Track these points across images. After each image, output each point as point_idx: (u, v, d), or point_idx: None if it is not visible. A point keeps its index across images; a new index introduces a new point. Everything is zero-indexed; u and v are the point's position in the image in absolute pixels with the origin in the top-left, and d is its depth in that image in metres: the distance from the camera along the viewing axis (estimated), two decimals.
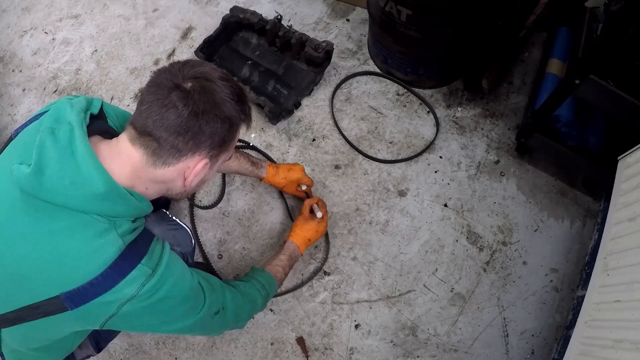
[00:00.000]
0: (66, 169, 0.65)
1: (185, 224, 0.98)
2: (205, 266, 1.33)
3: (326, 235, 1.33)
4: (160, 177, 0.74)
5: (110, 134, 0.79)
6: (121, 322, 0.72)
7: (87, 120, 0.74)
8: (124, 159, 0.71)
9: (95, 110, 0.79)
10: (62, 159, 0.66)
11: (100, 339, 1.04)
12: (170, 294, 0.73)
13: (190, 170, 0.74)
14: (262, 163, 1.26)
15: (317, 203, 1.26)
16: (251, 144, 1.44)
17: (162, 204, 1.22)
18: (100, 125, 0.78)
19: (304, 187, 1.30)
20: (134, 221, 0.74)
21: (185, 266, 0.80)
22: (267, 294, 1.03)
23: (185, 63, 0.73)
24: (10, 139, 0.78)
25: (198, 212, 1.41)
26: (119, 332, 1.15)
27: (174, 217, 0.97)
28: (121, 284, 0.67)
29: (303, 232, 1.19)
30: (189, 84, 0.69)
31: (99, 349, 1.04)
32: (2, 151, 0.77)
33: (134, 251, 0.70)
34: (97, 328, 0.73)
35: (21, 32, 1.83)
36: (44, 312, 0.69)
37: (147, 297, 0.70)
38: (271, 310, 1.27)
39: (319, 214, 1.23)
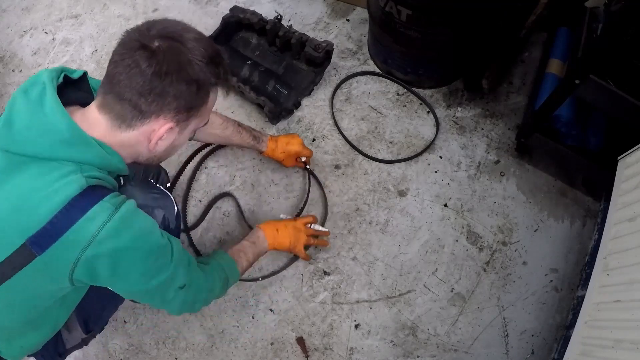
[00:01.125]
0: (34, 120, 0.67)
1: (171, 194, 0.95)
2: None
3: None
4: (127, 141, 0.73)
5: (89, 104, 0.78)
6: (83, 271, 0.69)
7: (61, 79, 0.74)
8: (92, 125, 0.71)
9: (75, 75, 0.79)
10: (31, 111, 0.67)
11: (88, 319, 1.01)
12: (134, 245, 0.71)
13: (154, 133, 0.73)
14: (263, 137, 1.26)
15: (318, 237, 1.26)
16: (308, 167, 1.39)
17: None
18: (82, 95, 0.79)
19: (303, 159, 1.33)
20: (103, 172, 0.73)
21: (156, 224, 0.78)
22: (225, 278, 0.99)
23: (158, 21, 0.70)
24: None
25: (198, 212, 1.40)
26: (108, 313, 1.12)
27: (158, 185, 0.96)
28: (81, 221, 0.66)
29: (273, 223, 1.17)
30: (156, 43, 0.67)
31: (87, 331, 1.01)
32: None
33: (97, 191, 0.69)
34: (69, 284, 0.71)
35: (21, 32, 1.83)
36: (17, 265, 0.68)
37: (108, 240, 0.68)
38: (271, 310, 1.27)
39: (318, 227, 1.24)
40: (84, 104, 0.77)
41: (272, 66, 1.58)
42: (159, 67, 0.66)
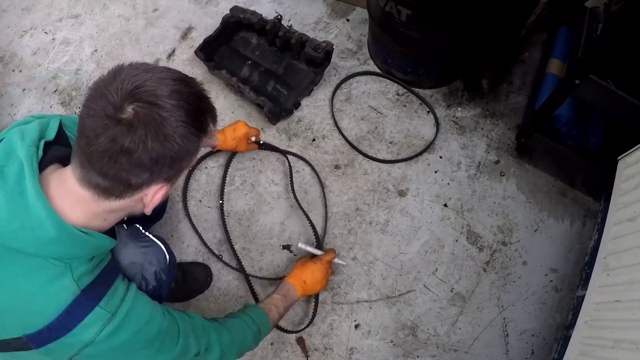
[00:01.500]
0: (15, 212, 0.62)
1: (160, 238, 0.92)
2: (204, 267, 1.33)
3: (316, 296, 1.26)
4: (117, 207, 0.68)
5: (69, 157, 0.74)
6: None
7: (40, 152, 0.68)
8: (74, 198, 0.66)
9: (51, 136, 0.73)
10: (11, 202, 0.62)
11: None
12: (134, 338, 0.70)
13: (148, 197, 0.69)
14: (212, 133, 1.21)
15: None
16: (262, 142, 1.43)
17: (157, 213, 1.16)
18: (58, 151, 0.73)
19: (253, 139, 1.35)
20: (92, 259, 0.70)
21: (156, 306, 0.76)
22: (257, 330, 0.98)
23: (126, 75, 0.61)
24: None
25: (198, 212, 1.41)
26: None
27: (147, 233, 0.91)
28: (78, 328, 0.65)
29: (299, 273, 1.15)
30: (130, 112, 0.59)
31: None
32: None
33: (91, 294, 0.67)
34: None
35: (21, 32, 1.83)
36: (14, 348, 0.68)
37: (106, 342, 0.67)
38: None
39: (318, 252, 1.22)
40: (61, 157, 0.72)
41: (272, 66, 1.58)
42: (144, 144, 0.59)
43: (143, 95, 0.60)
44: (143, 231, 0.92)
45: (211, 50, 1.59)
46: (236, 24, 1.60)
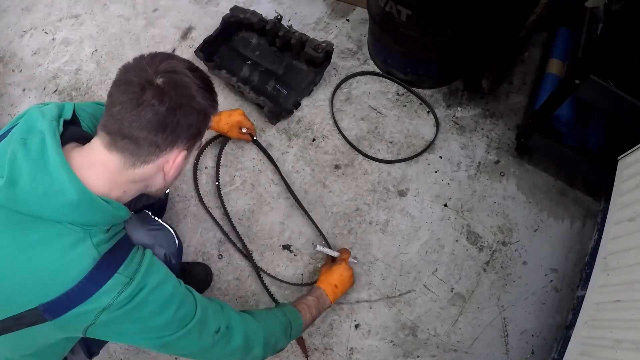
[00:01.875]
0: (39, 180, 0.65)
1: (169, 225, 0.95)
2: (204, 267, 1.33)
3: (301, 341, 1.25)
4: (140, 176, 0.73)
5: (86, 139, 0.77)
6: (102, 330, 0.71)
7: (61, 128, 0.72)
8: (99, 166, 0.70)
9: (68, 116, 0.77)
10: (35, 169, 0.65)
11: (91, 344, 1.01)
12: (149, 298, 0.71)
13: (170, 164, 0.74)
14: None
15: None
16: (255, 138, 1.44)
17: (157, 212, 1.18)
18: (75, 131, 0.77)
19: (244, 130, 1.37)
20: (109, 229, 0.72)
21: (170, 274, 0.78)
22: (288, 323, 0.97)
23: (153, 57, 0.71)
24: None
25: (198, 212, 1.41)
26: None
27: (156, 218, 0.95)
28: (97, 294, 0.66)
29: (327, 278, 1.16)
30: (160, 79, 0.68)
31: (90, 354, 1.02)
32: None
33: (111, 260, 0.69)
34: (80, 336, 0.73)
35: (21, 32, 1.83)
36: (27, 323, 0.69)
37: (123, 304, 0.68)
38: None
39: (334, 253, 1.23)
40: (78, 137, 0.76)
41: (272, 66, 1.58)
42: (172, 102, 0.68)
43: (169, 68, 0.70)
44: (152, 216, 0.94)
45: (211, 50, 1.59)
46: (236, 24, 1.60)
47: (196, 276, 1.29)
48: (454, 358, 1.22)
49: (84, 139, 0.77)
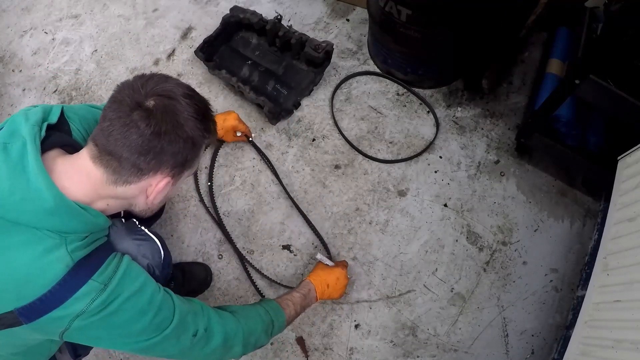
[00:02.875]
0: (16, 185, 0.65)
1: (157, 235, 0.91)
2: (204, 267, 1.33)
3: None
4: (121, 194, 0.73)
5: (73, 146, 0.77)
6: (77, 335, 0.71)
7: (43, 133, 0.72)
8: (84, 176, 0.70)
9: (54, 120, 0.77)
10: (13, 174, 0.65)
11: (77, 345, 0.98)
12: (124, 306, 0.71)
13: (152, 188, 0.74)
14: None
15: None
16: (250, 139, 1.44)
17: (155, 213, 1.14)
18: (60, 137, 0.77)
19: (239, 134, 1.37)
20: (87, 237, 0.72)
21: (149, 278, 0.77)
22: (270, 321, 0.96)
23: (150, 78, 0.71)
24: None
25: (198, 212, 1.41)
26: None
27: (143, 228, 0.92)
28: (70, 301, 0.66)
29: (324, 275, 1.15)
30: (152, 102, 0.68)
31: (76, 356, 0.99)
32: None
33: (85, 267, 0.68)
34: (57, 339, 0.72)
35: (21, 32, 1.83)
36: (5, 325, 0.69)
37: (97, 311, 0.68)
38: None
39: (330, 263, 1.20)
40: (63, 143, 0.76)
41: (272, 66, 1.58)
42: (157, 127, 0.67)
43: (163, 92, 0.70)
44: (140, 226, 0.92)
45: (211, 50, 1.59)
46: (236, 24, 1.60)
47: (196, 276, 1.29)
48: (454, 358, 1.22)
49: (70, 146, 0.77)
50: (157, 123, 0.67)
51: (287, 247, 1.35)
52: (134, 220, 0.93)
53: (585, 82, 0.99)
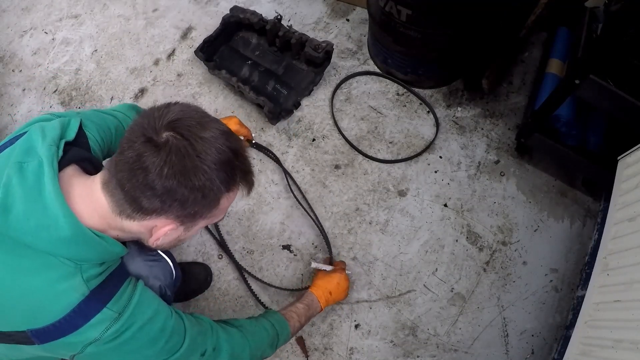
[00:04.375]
0: (32, 210, 0.62)
1: (168, 253, 0.91)
2: (204, 267, 1.33)
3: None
4: (127, 228, 0.69)
5: (90, 160, 0.75)
6: (88, 359, 0.70)
7: (61, 152, 0.69)
8: (94, 202, 0.67)
9: (71, 136, 0.74)
10: (29, 198, 0.62)
11: None
12: (138, 335, 0.70)
13: (157, 229, 0.69)
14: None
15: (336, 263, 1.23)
16: (253, 142, 1.44)
17: None
18: (77, 153, 0.73)
19: (242, 138, 1.32)
20: (102, 264, 0.70)
21: (162, 304, 0.76)
22: (275, 335, 0.95)
23: (174, 108, 0.64)
24: None
25: None
26: None
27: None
28: (84, 328, 0.65)
29: (324, 284, 1.14)
30: (164, 137, 0.61)
31: None
32: None
33: (100, 295, 0.67)
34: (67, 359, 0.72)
35: (21, 32, 1.83)
36: (15, 341, 0.68)
37: (110, 339, 0.67)
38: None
39: (329, 268, 1.19)
40: (80, 158, 0.73)
41: (272, 66, 1.58)
42: (161, 169, 0.60)
43: (182, 128, 0.62)
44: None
45: (211, 50, 1.59)
46: (236, 24, 1.60)
47: (196, 276, 1.29)
48: (454, 358, 1.22)
49: (87, 160, 0.74)
50: (160, 163, 0.60)
51: (287, 247, 1.35)
52: None
53: (585, 82, 0.99)
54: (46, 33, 1.82)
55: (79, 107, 1.65)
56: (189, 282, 1.28)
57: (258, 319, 0.97)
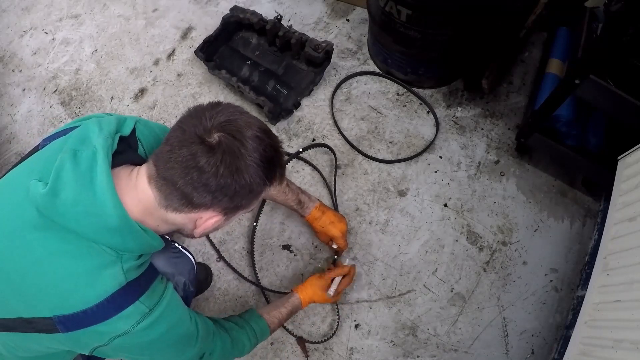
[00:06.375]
0: (82, 196, 0.64)
1: (186, 249, 0.95)
2: (204, 267, 1.33)
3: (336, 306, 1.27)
4: (171, 220, 0.71)
5: (138, 163, 0.76)
6: (110, 352, 0.72)
7: (115, 145, 0.71)
8: (139, 194, 0.69)
9: (127, 132, 0.76)
10: (79, 185, 0.64)
11: (93, 357, 1.02)
12: (164, 337, 0.72)
13: (202, 221, 0.72)
14: (309, 204, 1.19)
15: (343, 278, 1.19)
16: (301, 149, 1.42)
17: None
18: (129, 155, 0.75)
19: (334, 246, 1.24)
20: (140, 256, 0.72)
21: (186, 309, 0.79)
22: (256, 343, 1.01)
23: (222, 109, 0.67)
24: (37, 149, 0.77)
25: None
26: None
27: (176, 244, 0.95)
28: (115, 318, 0.66)
29: (312, 290, 1.14)
30: (216, 137, 0.64)
31: None
32: (26, 159, 0.76)
33: (134, 288, 0.69)
34: (86, 353, 0.73)
35: (21, 32, 1.83)
36: (36, 329, 0.68)
37: (139, 335, 0.69)
38: None
39: (331, 292, 1.16)
40: (130, 162, 0.75)
41: (272, 66, 1.58)
42: (216, 168, 0.64)
43: (231, 129, 0.65)
44: (172, 242, 0.94)
45: (211, 50, 1.59)
46: (236, 24, 1.60)
47: (196, 276, 1.29)
48: (454, 358, 1.22)
49: (136, 163, 0.75)
50: (216, 163, 0.63)
51: (287, 247, 1.35)
52: (166, 236, 0.94)
53: (585, 82, 0.99)
54: (46, 33, 1.82)
55: (79, 107, 1.65)
56: None
57: (244, 326, 0.99)
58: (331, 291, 1.15)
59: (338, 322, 1.25)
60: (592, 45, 1.24)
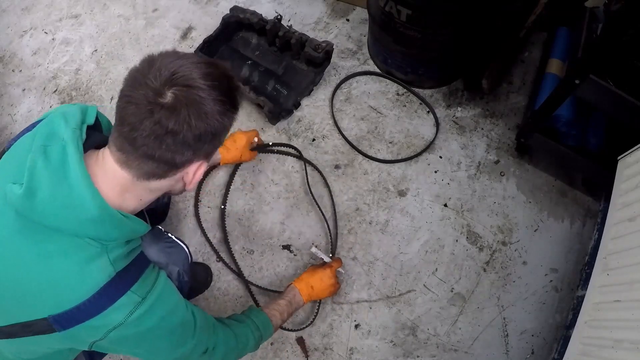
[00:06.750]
0: (58, 192, 0.63)
1: (180, 239, 0.96)
2: (204, 267, 1.33)
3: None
4: (156, 187, 0.71)
5: (106, 143, 0.75)
6: (108, 346, 0.71)
7: (84, 135, 0.70)
8: (112, 178, 0.68)
9: (91, 121, 0.75)
10: (54, 180, 0.63)
11: (95, 354, 1.01)
12: (160, 325, 0.72)
13: (189, 175, 0.72)
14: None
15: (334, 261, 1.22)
16: (270, 144, 1.44)
17: (159, 216, 1.20)
18: (96, 137, 0.75)
19: (255, 140, 1.34)
20: (127, 242, 0.72)
21: (181, 298, 0.79)
22: (260, 337, 0.99)
23: (161, 65, 0.63)
24: (4, 151, 0.76)
25: (199, 212, 1.40)
26: None
27: (169, 234, 0.94)
28: (108, 310, 0.66)
29: (307, 278, 1.15)
30: (171, 95, 0.62)
31: None
32: None
33: (125, 278, 0.68)
34: (85, 349, 0.73)
35: (21, 32, 1.83)
36: (34, 331, 0.68)
37: (135, 325, 0.68)
38: None
39: (326, 258, 1.18)
40: (98, 143, 0.74)
41: (272, 66, 1.58)
42: (187, 124, 0.63)
43: (180, 79, 0.63)
44: (166, 233, 0.94)
45: (211, 50, 1.59)
46: (236, 24, 1.60)
47: (196, 276, 1.29)
48: (454, 358, 1.22)
49: (105, 143, 0.74)
50: (185, 119, 0.62)
51: (287, 247, 1.35)
52: (159, 227, 0.95)
53: (585, 82, 0.99)
54: (46, 33, 1.82)
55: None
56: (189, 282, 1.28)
57: (245, 320, 0.99)
58: (326, 258, 1.17)
59: (318, 308, 1.25)
60: (592, 45, 1.25)
